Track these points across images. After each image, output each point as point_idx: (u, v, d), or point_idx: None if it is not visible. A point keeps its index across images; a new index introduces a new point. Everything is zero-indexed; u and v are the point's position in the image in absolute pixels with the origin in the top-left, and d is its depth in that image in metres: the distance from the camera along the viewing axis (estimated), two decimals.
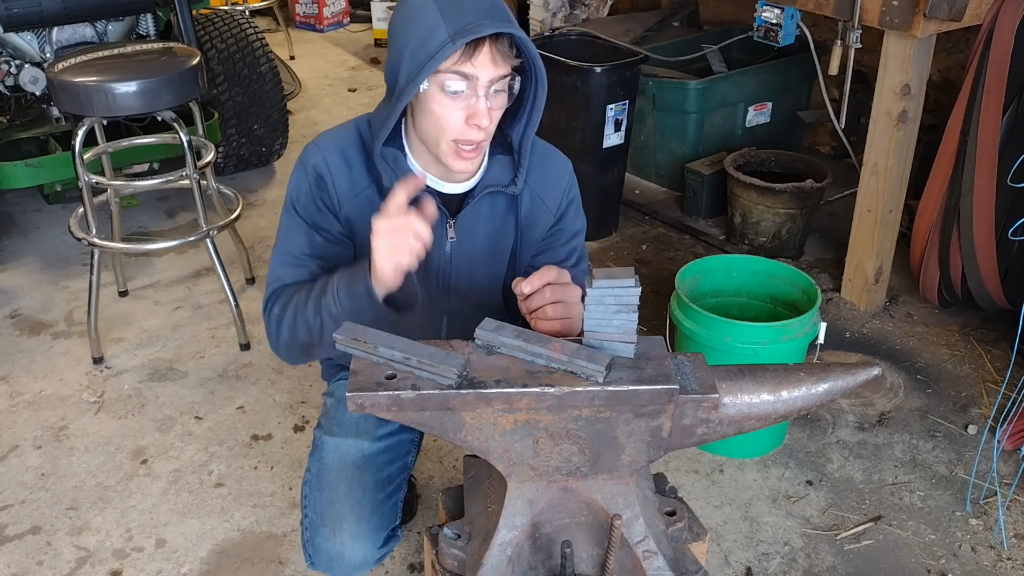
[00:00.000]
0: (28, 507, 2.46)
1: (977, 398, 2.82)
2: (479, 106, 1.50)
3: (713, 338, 2.44)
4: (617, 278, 1.23)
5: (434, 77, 1.49)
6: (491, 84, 1.50)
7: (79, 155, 2.81)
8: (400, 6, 1.54)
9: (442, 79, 1.49)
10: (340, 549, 1.74)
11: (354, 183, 1.66)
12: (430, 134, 1.57)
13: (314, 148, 1.68)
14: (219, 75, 3.96)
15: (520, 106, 1.63)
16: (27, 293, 3.47)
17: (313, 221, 1.68)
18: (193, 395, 2.89)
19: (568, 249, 1.82)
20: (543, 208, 1.77)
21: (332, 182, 1.65)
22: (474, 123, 1.51)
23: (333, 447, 1.81)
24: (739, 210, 3.61)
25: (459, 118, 1.52)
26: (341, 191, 1.66)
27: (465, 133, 1.53)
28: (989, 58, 2.72)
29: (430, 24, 1.46)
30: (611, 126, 3.60)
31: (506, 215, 1.74)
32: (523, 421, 1.27)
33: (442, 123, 1.53)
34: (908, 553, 2.29)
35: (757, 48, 3.61)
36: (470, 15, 1.45)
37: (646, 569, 1.35)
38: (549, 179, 1.76)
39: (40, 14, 3.44)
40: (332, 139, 1.69)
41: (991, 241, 2.87)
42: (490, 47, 1.48)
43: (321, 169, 1.66)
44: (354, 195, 1.67)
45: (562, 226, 1.80)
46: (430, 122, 1.55)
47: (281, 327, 1.63)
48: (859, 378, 1.38)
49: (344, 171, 1.66)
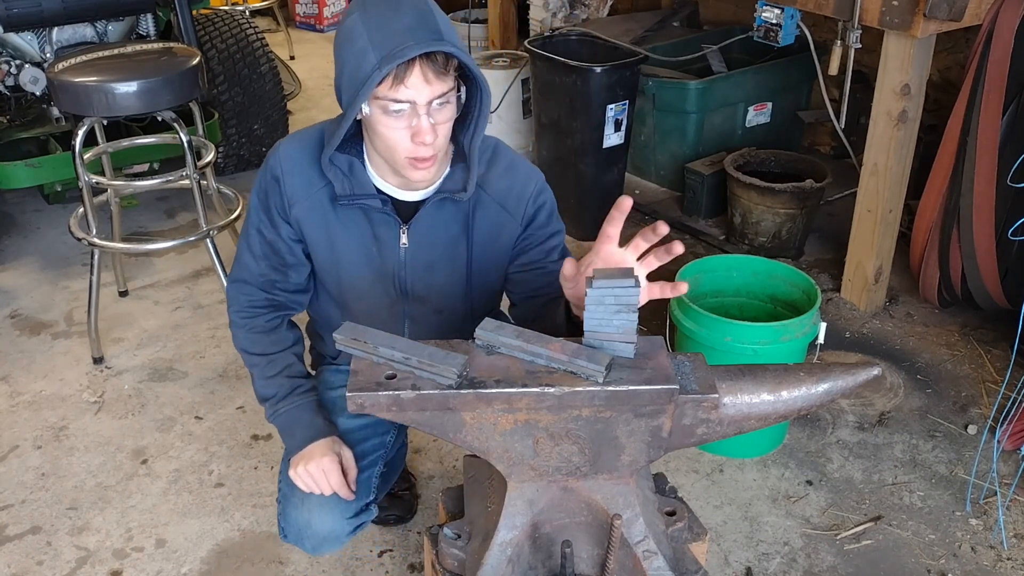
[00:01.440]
0: (28, 507, 2.46)
1: (977, 398, 2.83)
2: (422, 124, 1.51)
3: (713, 338, 2.44)
4: (617, 278, 1.23)
5: (374, 102, 1.51)
6: (430, 103, 1.51)
7: (79, 155, 2.81)
8: (340, 24, 1.55)
9: (382, 104, 1.51)
10: (307, 518, 1.80)
11: (310, 184, 1.70)
12: (383, 152, 1.60)
13: (278, 147, 1.74)
14: (219, 75, 3.96)
15: (468, 113, 1.63)
16: (27, 293, 3.47)
17: (264, 220, 1.76)
18: (193, 395, 2.89)
19: (545, 250, 1.80)
20: (506, 216, 1.76)
21: (285, 182, 1.71)
22: (419, 141, 1.53)
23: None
24: (739, 210, 3.61)
25: (405, 136, 1.53)
26: (293, 191, 1.71)
27: (414, 151, 1.55)
28: (989, 58, 2.72)
29: (360, 48, 1.46)
30: (611, 126, 3.60)
31: (452, 221, 1.75)
32: (523, 421, 1.27)
33: (390, 143, 1.55)
34: (908, 553, 2.30)
35: (757, 48, 3.61)
36: (396, 36, 1.44)
37: (646, 569, 1.35)
38: (513, 188, 1.75)
39: (40, 14, 3.44)
40: (296, 139, 1.74)
41: (991, 241, 2.87)
42: (421, 68, 1.47)
43: (277, 170, 1.71)
44: (307, 196, 1.71)
45: (532, 231, 1.79)
46: (380, 142, 1.58)
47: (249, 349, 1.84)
48: (859, 378, 1.38)
49: (300, 172, 1.70)
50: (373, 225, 1.73)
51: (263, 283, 1.81)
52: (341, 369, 2.02)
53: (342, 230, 1.73)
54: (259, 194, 1.76)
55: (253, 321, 1.83)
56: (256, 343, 1.83)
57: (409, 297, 1.83)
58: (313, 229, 1.74)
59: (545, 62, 3.63)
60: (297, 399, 1.80)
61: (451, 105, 1.55)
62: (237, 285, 1.84)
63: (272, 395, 1.82)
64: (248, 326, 1.83)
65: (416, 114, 1.51)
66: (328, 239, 1.75)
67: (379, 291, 1.81)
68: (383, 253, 1.75)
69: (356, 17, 1.49)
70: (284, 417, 1.81)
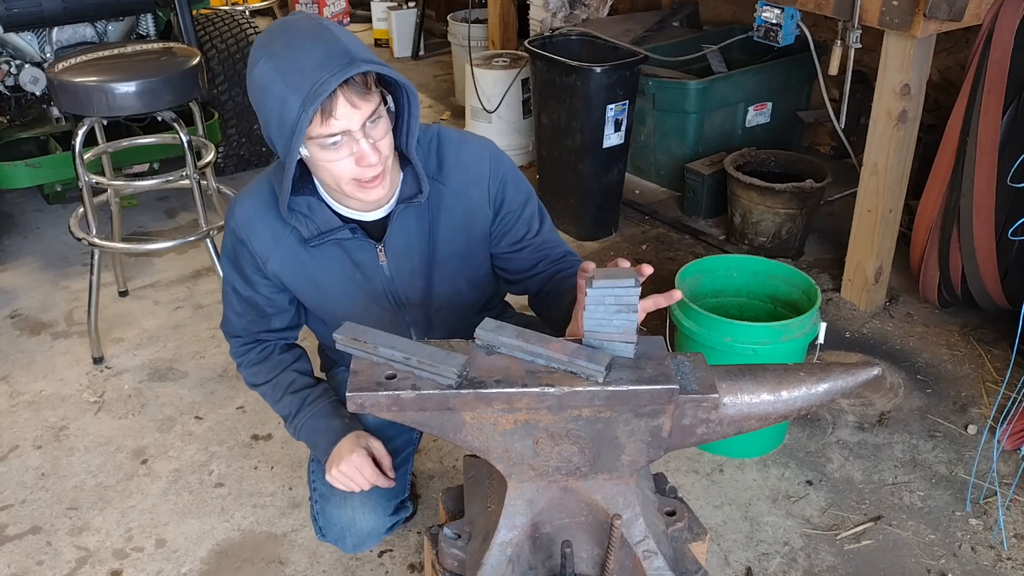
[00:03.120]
0: (28, 507, 2.46)
1: (977, 398, 2.83)
2: (363, 148, 1.51)
3: (713, 338, 2.44)
4: (617, 278, 1.23)
5: (308, 141, 1.51)
6: (363, 125, 1.50)
7: (79, 155, 2.81)
8: (249, 77, 1.53)
9: (318, 143, 1.51)
10: (352, 516, 1.83)
11: (276, 238, 1.72)
12: (331, 184, 1.61)
13: (233, 211, 1.75)
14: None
15: (399, 118, 1.62)
16: (27, 293, 3.47)
17: (240, 277, 1.80)
18: (193, 395, 2.89)
19: (526, 219, 1.81)
20: (473, 203, 1.75)
21: (252, 242, 1.73)
22: (365, 164, 1.53)
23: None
24: (739, 210, 3.61)
25: (350, 164, 1.54)
26: (263, 248, 1.73)
27: (361, 174, 1.55)
28: (989, 58, 2.72)
29: (279, 96, 1.45)
30: (611, 126, 3.60)
31: (418, 227, 1.75)
32: (523, 421, 1.27)
33: (337, 174, 1.55)
34: (908, 553, 2.30)
35: (757, 48, 3.61)
36: (310, 73, 1.43)
37: (646, 569, 1.35)
38: (471, 174, 1.74)
39: (40, 14, 3.44)
40: (248, 196, 1.74)
41: (991, 241, 2.87)
42: (344, 96, 1.46)
43: (240, 234, 1.74)
44: (276, 248, 1.73)
45: (506, 210, 1.78)
46: (327, 175, 1.58)
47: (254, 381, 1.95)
48: (859, 378, 1.38)
49: (262, 231, 1.72)
50: (350, 253, 1.74)
51: (248, 333, 1.90)
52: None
53: (321, 268, 1.75)
54: (228, 257, 1.80)
55: (247, 356, 1.93)
56: (256, 374, 1.92)
57: (406, 306, 1.84)
58: (294, 277, 1.76)
59: (545, 62, 3.63)
60: (309, 409, 1.85)
61: (383, 119, 1.55)
62: (225, 334, 1.96)
63: (287, 414, 1.89)
64: (244, 363, 1.94)
65: (354, 140, 1.50)
66: (311, 281, 1.77)
67: (376, 310, 1.83)
68: (368, 275, 1.77)
69: (264, 66, 1.47)
70: (304, 431, 1.86)
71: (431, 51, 6.31)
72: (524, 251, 1.83)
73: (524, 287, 1.88)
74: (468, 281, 1.85)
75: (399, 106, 1.61)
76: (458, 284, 1.83)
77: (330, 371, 2.13)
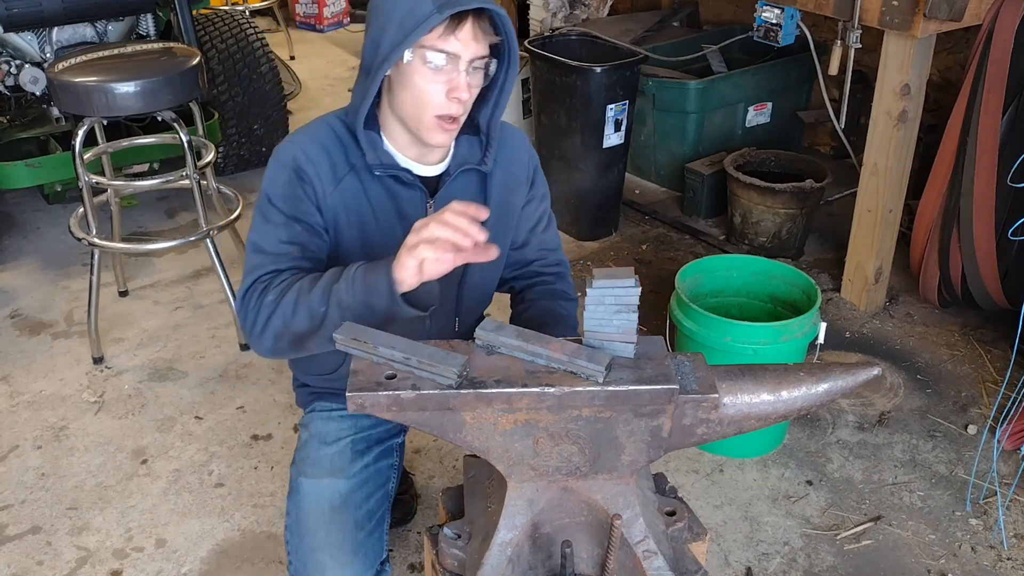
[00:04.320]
0: (28, 507, 2.46)
1: (977, 398, 2.82)
2: (460, 80, 1.51)
3: (713, 338, 2.44)
4: (617, 278, 1.23)
5: (417, 51, 1.50)
6: (471, 62, 1.52)
7: (79, 155, 2.81)
8: None
9: (424, 53, 1.50)
10: None
11: (335, 171, 1.65)
12: (410, 109, 1.56)
13: (291, 143, 1.67)
14: (219, 75, 3.96)
15: (490, 90, 1.64)
16: (27, 293, 3.47)
17: (292, 212, 1.62)
18: (193, 395, 2.89)
19: (541, 211, 1.86)
20: (515, 180, 1.79)
21: (314, 172, 1.62)
22: (455, 96, 1.52)
23: (309, 489, 1.77)
24: (739, 210, 3.61)
25: (440, 91, 1.52)
26: (324, 180, 1.64)
27: (446, 107, 1.54)
28: (989, 58, 2.72)
29: None
30: (611, 126, 3.60)
31: (478, 192, 1.75)
32: (523, 421, 1.27)
33: (424, 96, 1.53)
34: (908, 553, 2.30)
35: (757, 48, 3.61)
36: None
37: (646, 569, 1.35)
38: (514, 152, 1.79)
39: (40, 14, 3.44)
40: (306, 133, 1.69)
41: (991, 241, 2.87)
42: (473, 23, 1.49)
43: (300, 160, 1.62)
44: (336, 182, 1.65)
45: (533, 192, 1.83)
46: (410, 96, 1.55)
47: (273, 315, 1.52)
48: (859, 378, 1.38)
49: (324, 160, 1.64)
50: (398, 202, 1.68)
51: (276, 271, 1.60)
52: (336, 416, 1.86)
53: (370, 213, 1.67)
54: (279, 189, 1.62)
55: (265, 297, 1.56)
56: (280, 293, 1.54)
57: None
58: (346, 214, 1.66)
59: (545, 62, 3.63)
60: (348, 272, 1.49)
61: (482, 72, 1.55)
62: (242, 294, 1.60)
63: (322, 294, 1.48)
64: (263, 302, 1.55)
65: (456, 70, 1.51)
66: (359, 222, 1.68)
67: None
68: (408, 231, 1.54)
69: None
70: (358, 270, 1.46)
71: None
72: (526, 247, 1.85)
73: (511, 285, 1.90)
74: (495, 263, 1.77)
75: (495, 79, 1.61)
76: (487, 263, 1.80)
77: (307, 412, 1.93)
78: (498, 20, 1.53)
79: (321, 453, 1.82)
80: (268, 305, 1.53)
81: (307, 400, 1.94)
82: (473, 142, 1.72)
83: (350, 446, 1.82)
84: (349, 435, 1.84)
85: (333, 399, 1.88)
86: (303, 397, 1.96)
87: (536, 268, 1.89)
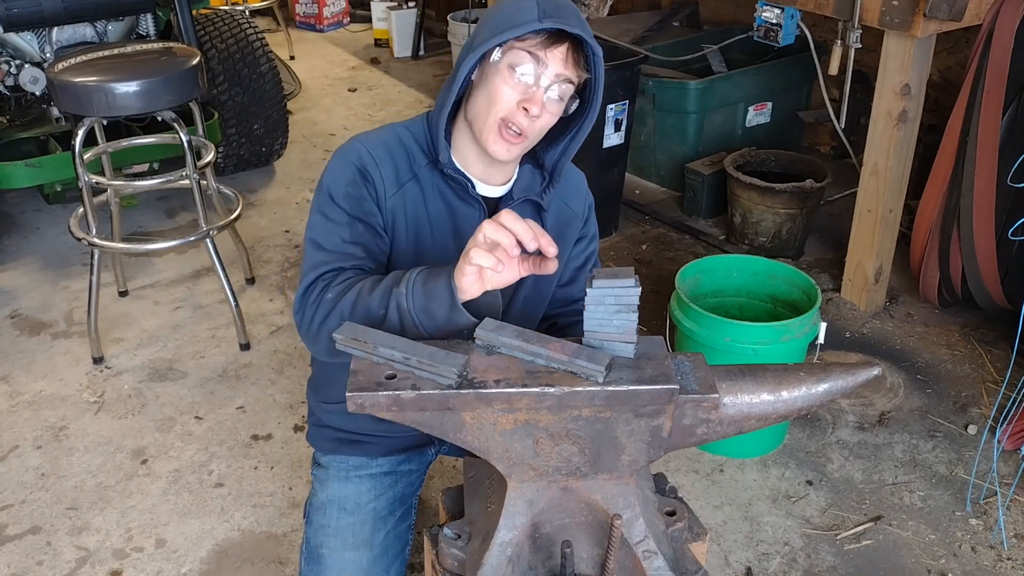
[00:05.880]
0: (28, 507, 2.46)
1: (977, 398, 2.82)
2: (537, 94, 1.51)
3: (713, 338, 2.44)
4: (617, 278, 1.23)
5: (508, 53, 1.50)
6: (555, 80, 1.51)
7: (79, 155, 2.81)
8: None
9: (514, 57, 1.50)
10: None
11: (399, 175, 1.64)
12: (481, 108, 1.55)
13: (356, 143, 1.66)
14: (219, 75, 3.96)
15: (564, 133, 1.63)
16: (27, 293, 3.47)
17: (354, 211, 1.60)
18: (193, 395, 2.89)
19: (587, 254, 1.84)
20: (571, 214, 1.79)
21: (378, 173, 1.62)
22: (526, 106, 1.51)
23: (332, 564, 1.78)
24: (739, 210, 3.61)
25: (514, 97, 1.52)
26: (387, 182, 1.63)
27: (514, 114, 1.52)
28: (989, 58, 2.72)
29: (525, 5, 1.48)
30: (611, 126, 3.60)
31: (538, 221, 1.73)
32: (523, 421, 1.27)
33: (497, 95, 1.52)
34: (908, 553, 2.29)
35: (757, 48, 3.61)
36: (564, 10, 1.48)
37: (646, 569, 1.35)
38: (571, 186, 1.79)
39: (40, 14, 3.44)
40: (373, 135, 1.68)
41: (991, 241, 2.87)
42: (569, 48, 1.50)
43: (366, 159, 1.62)
44: (398, 187, 1.64)
45: (585, 231, 1.83)
46: (485, 95, 1.54)
47: (331, 314, 1.46)
48: (859, 378, 1.38)
49: (388, 162, 1.63)
50: (455, 218, 1.67)
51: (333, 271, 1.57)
52: (354, 477, 1.84)
53: (426, 224, 1.67)
54: (342, 187, 1.59)
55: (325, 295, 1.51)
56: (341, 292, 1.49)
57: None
58: (404, 218, 1.64)
59: None
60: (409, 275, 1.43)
61: (560, 104, 1.55)
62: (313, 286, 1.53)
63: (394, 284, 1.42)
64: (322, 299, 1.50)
65: (537, 85, 1.51)
66: (414, 230, 1.66)
67: None
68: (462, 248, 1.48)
69: None
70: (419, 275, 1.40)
71: (431, 51, 6.31)
72: (572, 285, 1.82)
73: (553, 321, 1.83)
74: (547, 286, 1.79)
75: (571, 122, 1.62)
76: (540, 285, 1.78)
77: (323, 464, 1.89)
78: (593, 58, 1.53)
79: (342, 523, 1.81)
80: (327, 303, 1.48)
81: (325, 446, 1.88)
82: (536, 175, 1.72)
83: (372, 515, 1.82)
84: (370, 501, 1.82)
85: (355, 449, 1.85)
86: (322, 441, 1.89)
87: (580, 307, 1.82)
